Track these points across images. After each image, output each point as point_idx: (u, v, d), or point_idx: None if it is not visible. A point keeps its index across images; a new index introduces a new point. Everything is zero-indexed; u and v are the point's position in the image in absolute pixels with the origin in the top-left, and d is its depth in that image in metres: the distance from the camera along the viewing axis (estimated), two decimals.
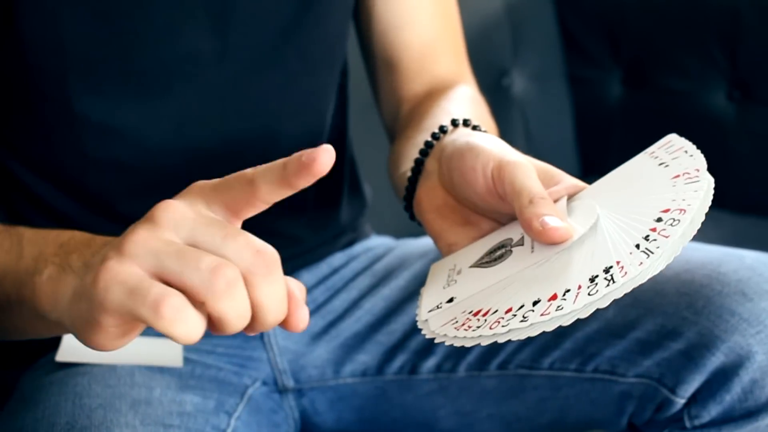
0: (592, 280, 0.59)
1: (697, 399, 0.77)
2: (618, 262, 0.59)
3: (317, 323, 0.93)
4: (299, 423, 0.94)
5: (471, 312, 0.63)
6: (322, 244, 0.96)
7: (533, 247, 0.65)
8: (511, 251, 0.66)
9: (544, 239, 0.63)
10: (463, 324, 0.62)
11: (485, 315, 0.61)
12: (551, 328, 0.58)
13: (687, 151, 0.66)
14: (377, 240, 1.02)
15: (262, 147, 0.88)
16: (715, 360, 0.75)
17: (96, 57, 0.80)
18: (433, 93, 0.93)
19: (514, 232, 0.68)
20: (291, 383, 0.92)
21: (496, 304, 0.62)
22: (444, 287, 0.68)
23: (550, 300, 0.59)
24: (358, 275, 0.96)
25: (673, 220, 0.60)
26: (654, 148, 0.68)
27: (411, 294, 0.91)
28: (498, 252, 0.67)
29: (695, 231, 0.60)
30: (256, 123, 0.87)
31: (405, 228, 0.87)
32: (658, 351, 0.78)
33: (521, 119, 1.64)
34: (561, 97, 1.68)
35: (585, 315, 0.57)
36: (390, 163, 0.87)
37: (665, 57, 1.60)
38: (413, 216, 0.76)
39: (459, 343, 0.61)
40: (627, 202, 0.64)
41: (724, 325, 0.75)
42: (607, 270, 0.59)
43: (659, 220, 0.61)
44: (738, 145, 1.54)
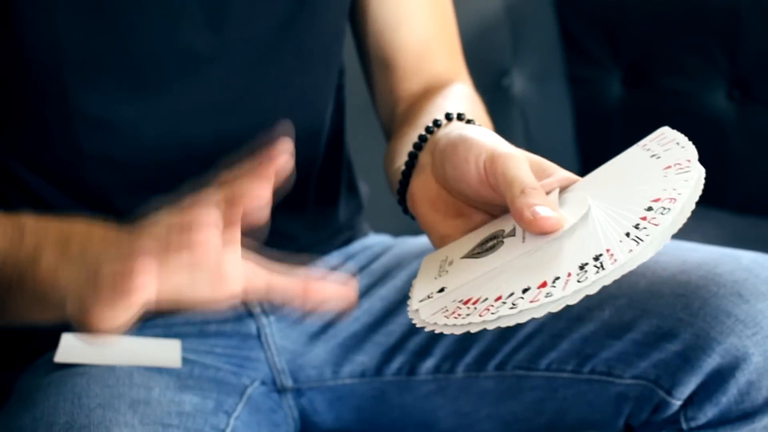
0: (581, 267, 0.59)
1: (694, 400, 0.77)
2: (608, 249, 0.59)
3: (315, 322, 0.93)
4: (299, 422, 0.93)
5: (461, 300, 0.63)
6: (318, 242, 0.96)
7: (524, 238, 0.65)
8: (503, 242, 0.66)
9: (534, 229, 0.63)
10: (453, 312, 0.62)
11: (475, 303, 0.62)
12: (540, 314, 0.58)
13: (679, 143, 0.66)
14: (375, 238, 1.02)
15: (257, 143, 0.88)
16: (711, 362, 0.75)
17: (92, 52, 0.80)
18: (429, 92, 0.93)
19: (506, 223, 0.68)
20: (290, 383, 0.92)
21: (486, 292, 0.62)
22: (435, 278, 0.68)
23: (539, 287, 0.59)
24: (355, 275, 0.96)
25: (663, 208, 0.60)
26: (646, 140, 0.68)
27: (408, 294, 0.91)
28: (490, 243, 0.67)
29: (685, 219, 0.60)
30: (252, 119, 0.87)
31: (403, 226, 0.87)
32: (654, 352, 0.78)
33: (521, 119, 1.64)
34: (561, 97, 1.68)
35: (574, 301, 0.57)
36: (386, 161, 0.87)
37: (665, 57, 1.60)
38: (406, 209, 0.76)
39: (448, 331, 0.61)
40: (618, 192, 0.64)
41: (720, 327, 0.75)
42: (597, 257, 0.59)
43: (650, 209, 0.61)
44: (738, 145, 1.54)
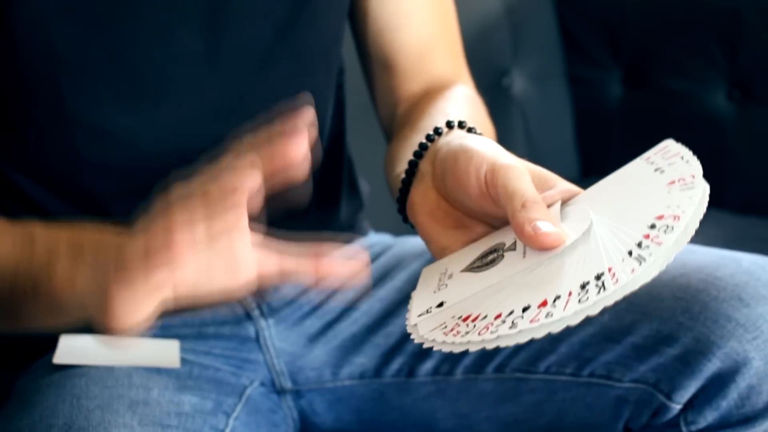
0: (583, 287, 0.58)
1: (694, 405, 0.77)
2: (610, 269, 0.58)
3: (314, 324, 0.93)
4: (298, 423, 0.93)
5: (460, 317, 0.62)
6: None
7: (525, 252, 0.64)
8: (503, 256, 0.65)
9: (535, 245, 0.62)
10: (452, 329, 0.62)
11: (474, 320, 0.61)
12: (540, 335, 0.57)
13: (683, 157, 0.65)
14: (375, 238, 1.02)
15: None
16: (712, 366, 0.75)
17: (87, 59, 0.79)
18: (430, 93, 0.92)
19: (506, 236, 0.67)
20: (289, 385, 0.92)
21: (485, 309, 0.61)
22: (434, 291, 0.68)
23: (540, 306, 0.58)
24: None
25: (667, 227, 0.59)
26: (650, 153, 0.68)
27: (407, 295, 0.91)
28: (490, 256, 0.66)
29: (689, 238, 0.59)
30: (250, 125, 0.87)
31: (403, 226, 0.87)
32: (653, 356, 0.78)
33: (521, 119, 1.64)
34: (561, 97, 1.68)
35: (575, 322, 0.57)
36: (386, 164, 0.86)
37: (665, 57, 1.60)
38: (406, 218, 0.76)
39: (447, 349, 0.61)
40: (621, 207, 0.63)
41: (720, 331, 0.74)
42: (599, 277, 0.58)
43: (653, 226, 0.60)
44: (738, 145, 1.53)
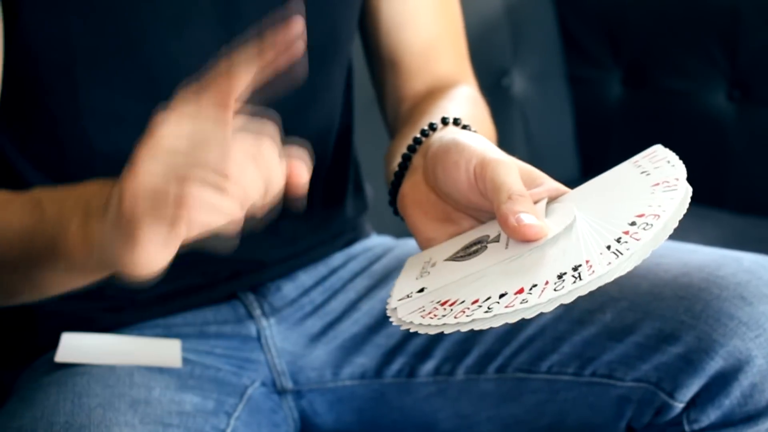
0: (560, 276, 0.60)
1: (696, 403, 0.77)
2: (587, 261, 0.60)
3: (315, 324, 0.93)
4: (299, 423, 0.93)
5: (439, 302, 0.64)
6: (321, 243, 0.96)
7: (508, 244, 0.66)
8: (486, 247, 0.67)
9: (517, 236, 0.64)
10: (430, 313, 0.63)
11: (452, 305, 0.63)
12: (514, 320, 0.59)
13: (669, 161, 0.67)
14: (377, 240, 1.02)
15: None
16: (714, 364, 0.75)
17: (102, 50, 0.80)
18: (433, 92, 0.93)
19: (491, 229, 0.69)
20: (290, 385, 0.92)
21: (464, 295, 0.63)
22: (417, 278, 0.69)
23: (516, 293, 0.60)
24: (356, 276, 0.95)
25: (647, 224, 0.61)
26: (638, 157, 0.69)
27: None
28: (473, 247, 0.68)
29: (666, 236, 0.61)
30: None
31: (405, 229, 0.87)
32: (656, 355, 0.78)
33: (521, 119, 1.64)
34: (561, 97, 1.68)
35: (548, 309, 0.58)
36: (385, 160, 0.87)
37: (665, 57, 1.60)
38: (397, 211, 0.77)
39: (423, 331, 0.62)
40: (605, 206, 0.65)
41: (722, 330, 0.75)
42: (576, 268, 0.60)
43: (633, 224, 0.62)
44: (738, 145, 1.53)
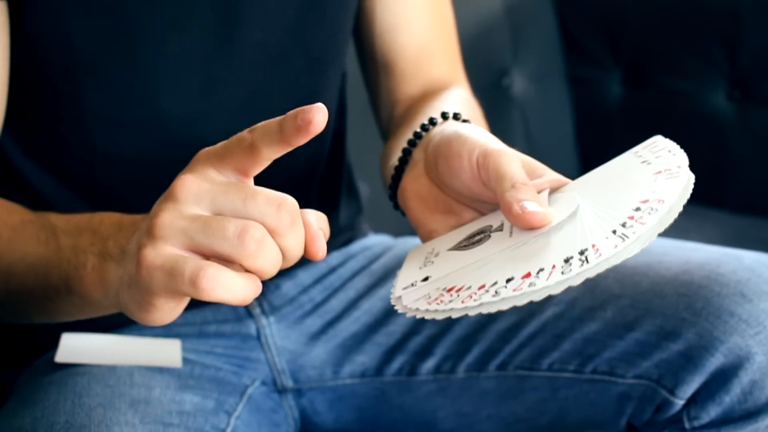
0: (566, 260, 0.60)
1: (697, 400, 0.77)
2: (594, 245, 0.60)
3: (315, 323, 0.93)
4: (299, 422, 0.94)
5: (445, 288, 0.64)
6: None
7: (511, 232, 0.66)
8: (490, 236, 0.67)
9: (522, 223, 0.64)
10: (436, 299, 0.63)
11: (458, 291, 0.62)
12: (522, 302, 0.59)
13: (670, 151, 0.67)
14: (375, 239, 1.02)
15: None
16: (715, 361, 0.75)
17: (103, 52, 0.80)
18: (427, 95, 0.93)
19: (494, 219, 0.69)
20: (290, 383, 0.92)
21: (469, 281, 0.63)
22: (420, 268, 0.69)
23: (523, 278, 0.60)
24: (356, 275, 0.96)
25: (651, 209, 0.61)
26: (638, 147, 0.69)
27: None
28: (477, 237, 0.68)
29: (672, 220, 0.60)
30: (260, 120, 0.87)
31: (403, 227, 0.88)
32: (657, 352, 0.79)
33: (521, 119, 1.64)
34: (561, 97, 1.68)
35: (557, 291, 0.58)
36: (381, 160, 0.87)
37: (665, 57, 1.60)
38: (397, 205, 0.77)
39: (429, 316, 0.62)
40: (607, 194, 0.65)
41: (723, 327, 0.75)
42: (582, 252, 0.60)
43: (637, 209, 0.61)
44: (738, 145, 1.53)
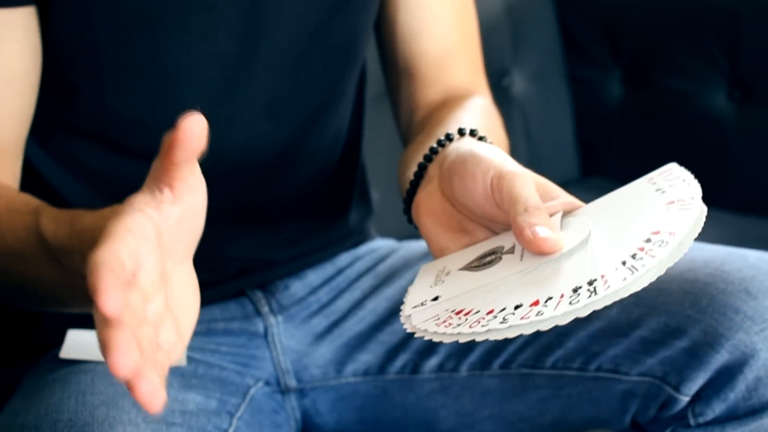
0: (575, 290, 0.60)
1: (701, 397, 0.77)
2: (603, 276, 0.60)
3: (321, 323, 0.93)
4: (300, 423, 0.94)
5: (453, 311, 0.64)
6: (328, 244, 0.96)
7: (522, 256, 0.66)
8: (501, 258, 0.67)
9: (533, 248, 0.64)
10: (444, 321, 0.63)
11: (467, 314, 0.63)
12: (529, 331, 0.59)
13: (684, 180, 0.67)
14: (381, 242, 1.02)
15: (285, 147, 0.89)
16: (720, 358, 0.75)
17: (129, 57, 0.81)
18: (447, 102, 0.93)
19: (506, 240, 0.69)
20: (293, 383, 0.92)
21: (478, 305, 0.63)
22: (431, 286, 0.69)
23: (531, 305, 0.60)
24: (362, 276, 0.96)
25: (662, 241, 0.61)
26: (653, 174, 0.70)
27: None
28: (488, 258, 0.68)
29: (682, 254, 0.61)
30: (281, 123, 0.88)
31: (407, 232, 0.88)
32: (661, 349, 0.79)
33: (521, 119, 1.64)
34: (561, 97, 1.68)
35: (564, 322, 0.59)
36: (399, 167, 0.87)
37: (665, 57, 1.60)
38: (411, 219, 0.77)
39: (438, 339, 0.63)
40: (619, 221, 0.65)
41: (728, 323, 0.75)
42: (591, 282, 0.60)
43: (648, 240, 0.62)
44: (738, 145, 1.54)
